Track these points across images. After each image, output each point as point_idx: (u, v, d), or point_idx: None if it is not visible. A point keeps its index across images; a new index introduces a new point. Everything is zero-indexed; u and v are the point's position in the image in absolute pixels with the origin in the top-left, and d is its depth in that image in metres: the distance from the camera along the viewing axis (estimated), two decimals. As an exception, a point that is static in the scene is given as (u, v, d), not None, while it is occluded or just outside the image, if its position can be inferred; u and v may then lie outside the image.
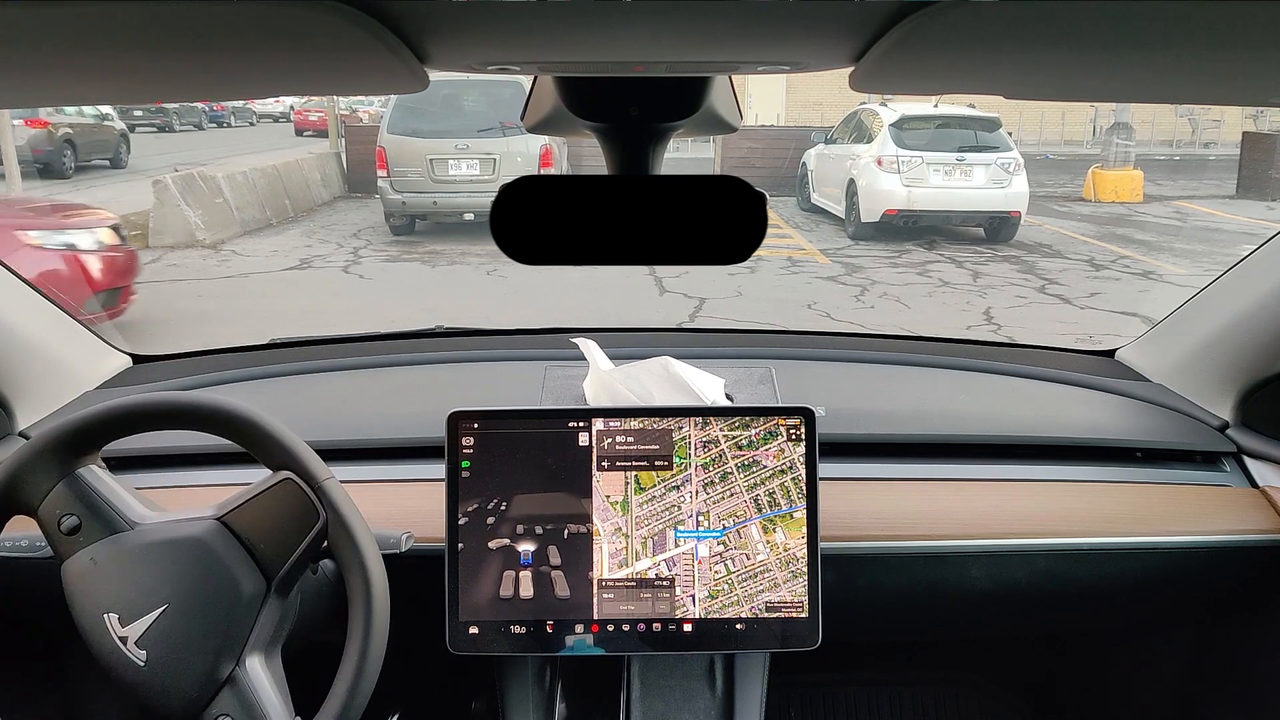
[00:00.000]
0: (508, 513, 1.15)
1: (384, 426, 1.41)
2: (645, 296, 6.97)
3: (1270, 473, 1.37)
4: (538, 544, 1.15)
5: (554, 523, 1.15)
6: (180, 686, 0.92)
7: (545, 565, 1.14)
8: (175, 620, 0.93)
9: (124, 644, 0.92)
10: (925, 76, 0.57)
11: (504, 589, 1.14)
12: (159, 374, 1.56)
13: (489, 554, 1.14)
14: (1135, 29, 0.44)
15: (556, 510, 1.15)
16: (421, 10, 0.44)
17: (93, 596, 0.94)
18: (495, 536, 1.14)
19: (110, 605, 0.94)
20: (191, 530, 0.96)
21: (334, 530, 0.97)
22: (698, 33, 0.49)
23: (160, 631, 0.93)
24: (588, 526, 1.15)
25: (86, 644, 0.94)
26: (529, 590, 1.14)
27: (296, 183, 11.64)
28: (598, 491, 1.16)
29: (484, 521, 1.14)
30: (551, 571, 1.14)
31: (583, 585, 1.15)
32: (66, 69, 0.52)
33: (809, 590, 1.15)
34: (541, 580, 1.14)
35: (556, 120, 0.82)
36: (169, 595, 0.94)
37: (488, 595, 1.14)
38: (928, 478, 1.34)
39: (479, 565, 1.14)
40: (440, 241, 9.30)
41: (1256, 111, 13.48)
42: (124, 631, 0.93)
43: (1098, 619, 1.51)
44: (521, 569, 1.14)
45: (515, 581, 1.14)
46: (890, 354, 1.65)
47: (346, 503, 0.97)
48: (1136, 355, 1.64)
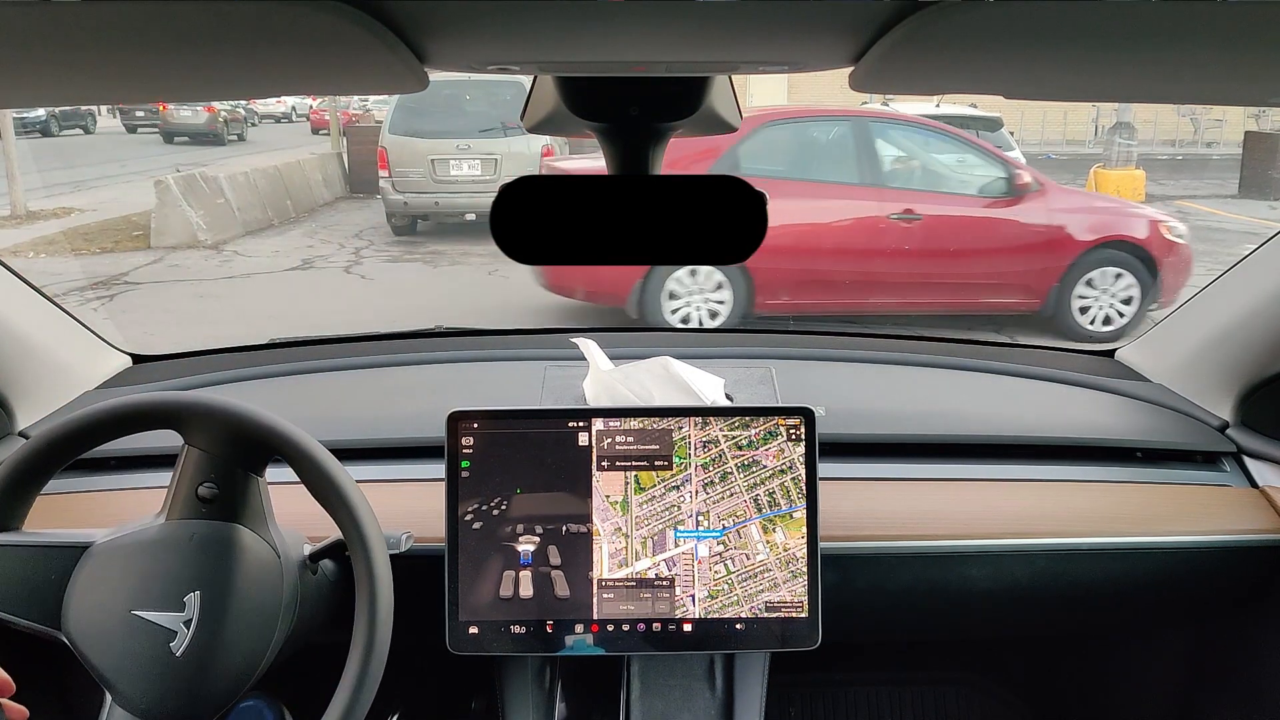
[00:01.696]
0: (507, 513, 1.15)
1: (384, 426, 1.41)
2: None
3: (1270, 473, 1.37)
4: (538, 544, 1.15)
5: (554, 523, 1.15)
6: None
7: (545, 565, 1.15)
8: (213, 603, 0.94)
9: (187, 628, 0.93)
10: (925, 76, 0.57)
11: (504, 589, 1.14)
12: (159, 374, 1.56)
13: (489, 554, 1.14)
14: (1136, 29, 0.44)
15: (556, 510, 1.15)
16: (421, 10, 0.44)
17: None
18: (495, 536, 1.14)
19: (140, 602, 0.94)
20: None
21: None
22: (697, 33, 0.49)
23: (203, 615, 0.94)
24: (587, 526, 1.15)
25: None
26: (529, 590, 1.14)
27: (298, 183, 11.65)
28: (597, 491, 1.16)
29: (484, 521, 1.14)
30: (551, 571, 1.14)
31: (583, 585, 1.15)
32: (66, 69, 0.52)
33: (809, 590, 1.15)
34: (541, 580, 1.14)
35: (557, 120, 0.82)
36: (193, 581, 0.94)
37: (488, 595, 1.14)
38: (928, 478, 1.34)
39: (479, 565, 1.14)
40: (442, 242, 9.30)
41: (1259, 111, 13.46)
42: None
43: (1098, 619, 1.51)
44: (521, 569, 1.14)
45: (515, 581, 1.14)
46: (890, 354, 1.65)
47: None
48: (1136, 355, 1.64)
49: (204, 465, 0.97)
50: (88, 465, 1.31)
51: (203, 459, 0.97)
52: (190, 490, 0.97)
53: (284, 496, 1.04)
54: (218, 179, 10.09)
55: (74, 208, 11.00)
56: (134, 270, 8.15)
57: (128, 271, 8.08)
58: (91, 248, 9.03)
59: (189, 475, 0.97)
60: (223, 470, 0.97)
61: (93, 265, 8.25)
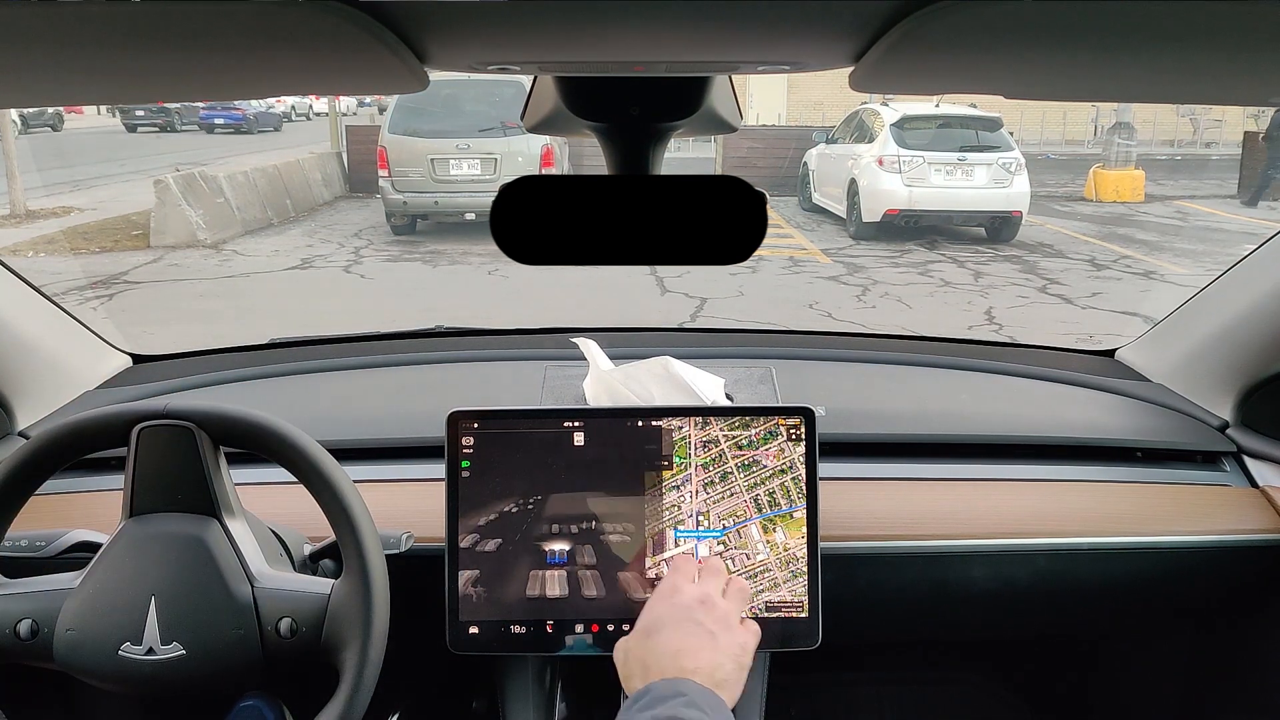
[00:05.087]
0: (536, 512, 1.15)
1: (384, 426, 1.41)
2: (646, 296, 6.97)
3: (1270, 473, 1.37)
4: (570, 544, 1.14)
5: (576, 522, 1.15)
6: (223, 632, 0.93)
7: (573, 564, 1.14)
8: (173, 604, 0.93)
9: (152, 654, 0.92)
10: (925, 76, 0.57)
11: (530, 588, 1.14)
12: (159, 374, 1.55)
13: (489, 554, 1.14)
14: (1135, 29, 0.44)
15: (569, 510, 1.15)
16: (421, 10, 0.44)
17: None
18: (495, 536, 1.14)
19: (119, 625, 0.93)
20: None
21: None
22: (698, 33, 0.49)
23: (171, 619, 0.93)
24: (591, 525, 1.15)
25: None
26: (529, 590, 1.14)
27: (298, 182, 11.65)
28: (597, 491, 1.15)
29: (484, 521, 1.14)
30: (579, 571, 1.14)
31: (612, 584, 1.14)
32: (66, 69, 0.52)
33: (809, 590, 1.15)
34: (541, 580, 1.14)
35: (556, 120, 0.82)
36: (152, 587, 0.94)
37: (488, 595, 1.14)
38: (928, 478, 1.34)
39: (479, 565, 1.14)
40: (441, 241, 9.30)
41: (1258, 111, 13.46)
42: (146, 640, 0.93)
43: (1098, 619, 1.51)
44: (550, 568, 1.14)
45: (542, 581, 1.14)
46: (891, 354, 1.65)
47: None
48: (1137, 355, 1.64)
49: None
50: (89, 466, 1.31)
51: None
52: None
53: (285, 496, 1.04)
54: (217, 178, 10.09)
55: (73, 207, 11.01)
56: (133, 269, 8.16)
57: (127, 271, 8.08)
58: (91, 247, 9.04)
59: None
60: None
61: (92, 264, 8.26)
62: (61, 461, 0.97)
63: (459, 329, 1.80)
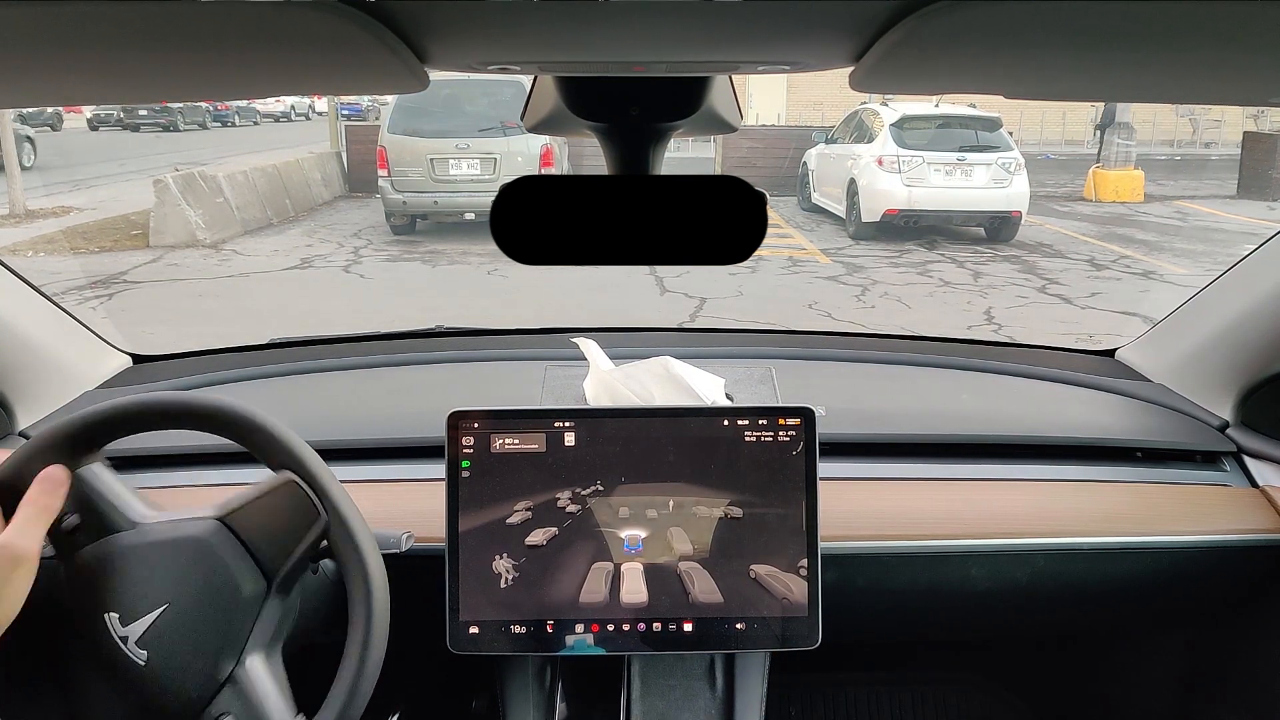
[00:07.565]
0: (507, 512, 1.15)
1: (384, 426, 1.41)
2: (646, 296, 6.97)
3: (1270, 473, 1.37)
4: (639, 535, 1.14)
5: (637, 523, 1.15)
6: (181, 686, 0.92)
7: (545, 564, 1.14)
8: (176, 620, 0.93)
9: (124, 644, 0.92)
10: (925, 76, 0.57)
11: (504, 588, 1.14)
12: (159, 374, 1.56)
13: (490, 554, 1.14)
14: (1136, 29, 0.44)
15: (557, 509, 1.15)
16: (421, 10, 0.44)
17: (93, 596, 0.94)
18: (495, 536, 1.14)
19: (110, 605, 0.93)
20: (192, 530, 0.96)
21: (334, 531, 0.97)
22: (697, 33, 0.49)
23: (161, 631, 0.92)
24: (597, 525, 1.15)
25: (86, 644, 0.94)
26: (530, 589, 1.14)
27: (297, 182, 11.65)
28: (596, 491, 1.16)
29: (484, 521, 1.14)
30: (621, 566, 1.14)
31: (659, 581, 1.14)
32: (66, 69, 0.52)
33: (809, 590, 1.15)
34: (541, 580, 1.14)
35: (557, 120, 0.82)
36: (169, 595, 0.93)
37: (488, 595, 1.14)
38: (928, 478, 1.34)
39: (479, 565, 1.14)
40: (441, 241, 9.30)
41: (1257, 111, 13.47)
42: (124, 631, 0.92)
43: (1098, 619, 1.51)
44: (629, 558, 1.14)
45: (612, 577, 1.14)
46: (891, 354, 1.65)
47: (347, 503, 0.97)
48: (1137, 355, 1.64)
49: None
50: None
51: None
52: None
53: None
54: (216, 178, 10.09)
55: (73, 206, 11.01)
56: (133, 269, 8.16)
57: (127, 270, 8.08)
58: (90, 247, 9.04)
59: None
60: None
61: (92, 264, 8.26)
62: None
63: (459, 329, 1.80)
